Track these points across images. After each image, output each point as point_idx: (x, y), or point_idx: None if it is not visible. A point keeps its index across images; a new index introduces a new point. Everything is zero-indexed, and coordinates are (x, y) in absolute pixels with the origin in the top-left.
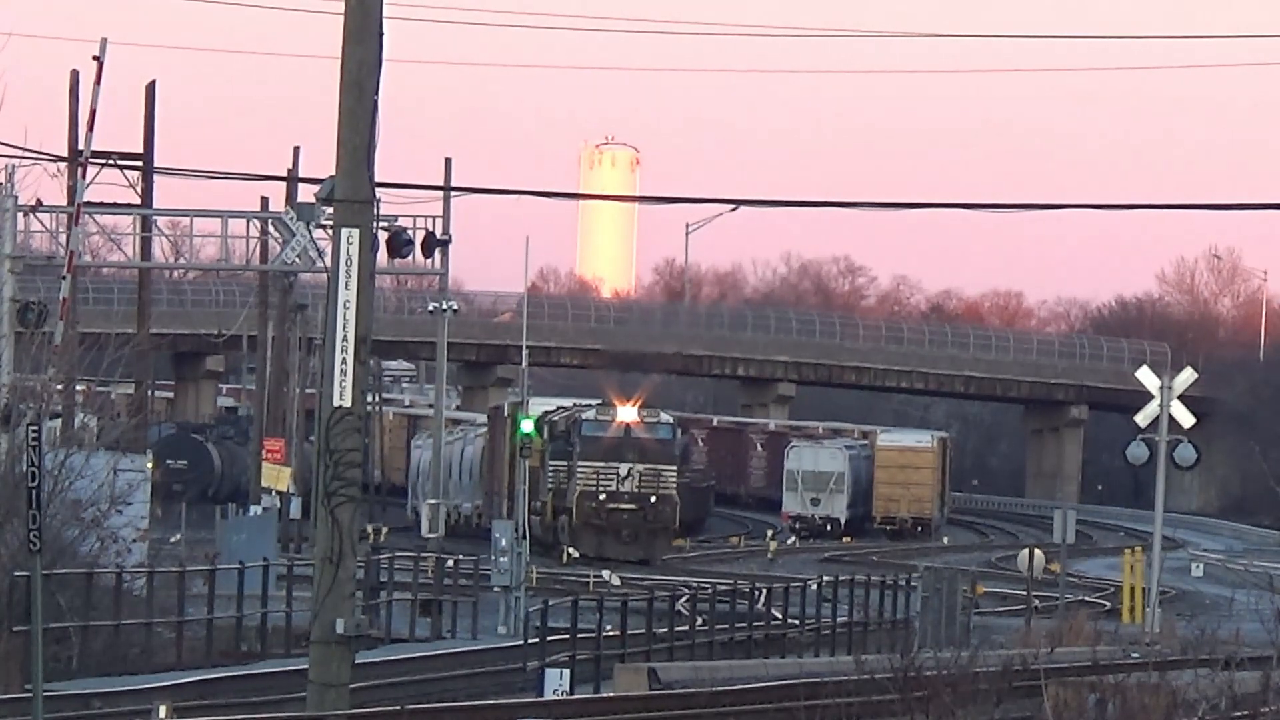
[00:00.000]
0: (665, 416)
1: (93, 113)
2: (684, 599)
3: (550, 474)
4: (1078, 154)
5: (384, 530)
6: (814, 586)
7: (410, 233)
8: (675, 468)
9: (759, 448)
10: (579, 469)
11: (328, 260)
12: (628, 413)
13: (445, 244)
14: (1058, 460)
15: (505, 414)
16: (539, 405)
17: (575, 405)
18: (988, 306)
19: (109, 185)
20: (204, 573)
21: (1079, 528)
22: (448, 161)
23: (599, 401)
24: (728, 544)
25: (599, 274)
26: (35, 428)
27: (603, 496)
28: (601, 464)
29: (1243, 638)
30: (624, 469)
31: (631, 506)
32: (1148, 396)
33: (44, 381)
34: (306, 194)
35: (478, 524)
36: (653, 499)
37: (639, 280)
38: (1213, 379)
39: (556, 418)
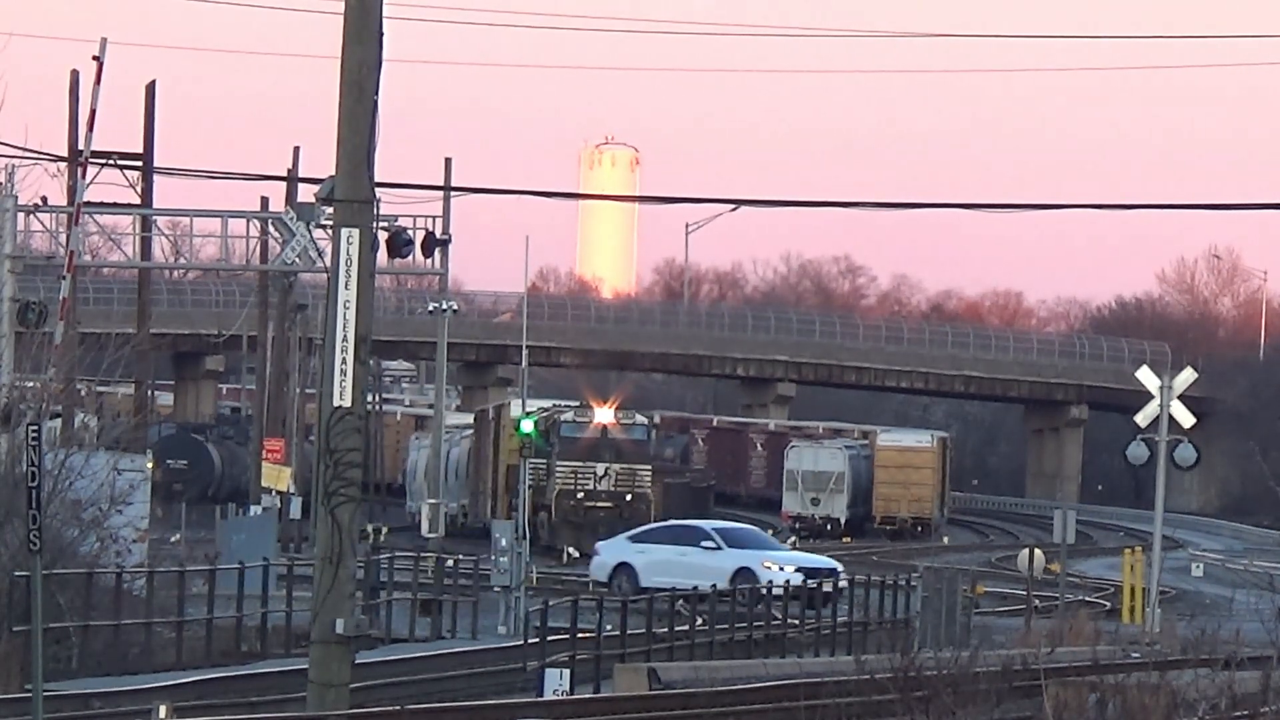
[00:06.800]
0: (641, 418)
1: (93, 113)
2: (684, 599)
3: (530, 472)
4: (1078, 154)
5: (384, 530)
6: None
7: (410, 233)
8: (650, 468)
9: (759, 448)
10: (557, 468)
11: (328, 260)
12: (604, 414)
13: (445, 244)
14: (1058, 460)
15: (491, 416)
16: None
17: (554, 406)
18: (988, 306)
19: (109, 185)
20: (204, 573)
21: (1079, 528)
22: (448, 161)
23: (577, 403)
24: None
25: (599, 274)
26: (35, 428)
27: (580, 495)
28: (579, 464)
29: (1243, 638)
30: (600, 469)
31: (608, 505)
32: (1148, 396)
33: (44, 381)
34: (306, 194)
35: (463, 523)
36: (628, 498)
37: (639, 280)
38: (1213, 379)
39: (537, 419)
